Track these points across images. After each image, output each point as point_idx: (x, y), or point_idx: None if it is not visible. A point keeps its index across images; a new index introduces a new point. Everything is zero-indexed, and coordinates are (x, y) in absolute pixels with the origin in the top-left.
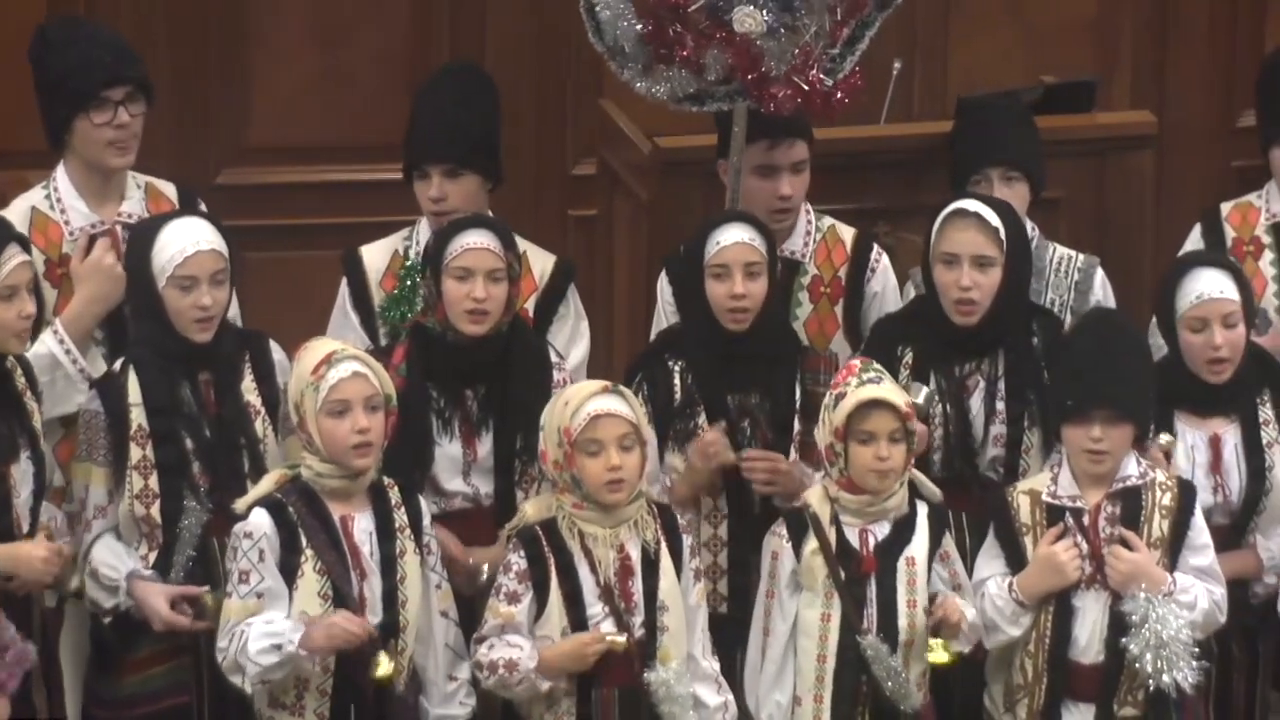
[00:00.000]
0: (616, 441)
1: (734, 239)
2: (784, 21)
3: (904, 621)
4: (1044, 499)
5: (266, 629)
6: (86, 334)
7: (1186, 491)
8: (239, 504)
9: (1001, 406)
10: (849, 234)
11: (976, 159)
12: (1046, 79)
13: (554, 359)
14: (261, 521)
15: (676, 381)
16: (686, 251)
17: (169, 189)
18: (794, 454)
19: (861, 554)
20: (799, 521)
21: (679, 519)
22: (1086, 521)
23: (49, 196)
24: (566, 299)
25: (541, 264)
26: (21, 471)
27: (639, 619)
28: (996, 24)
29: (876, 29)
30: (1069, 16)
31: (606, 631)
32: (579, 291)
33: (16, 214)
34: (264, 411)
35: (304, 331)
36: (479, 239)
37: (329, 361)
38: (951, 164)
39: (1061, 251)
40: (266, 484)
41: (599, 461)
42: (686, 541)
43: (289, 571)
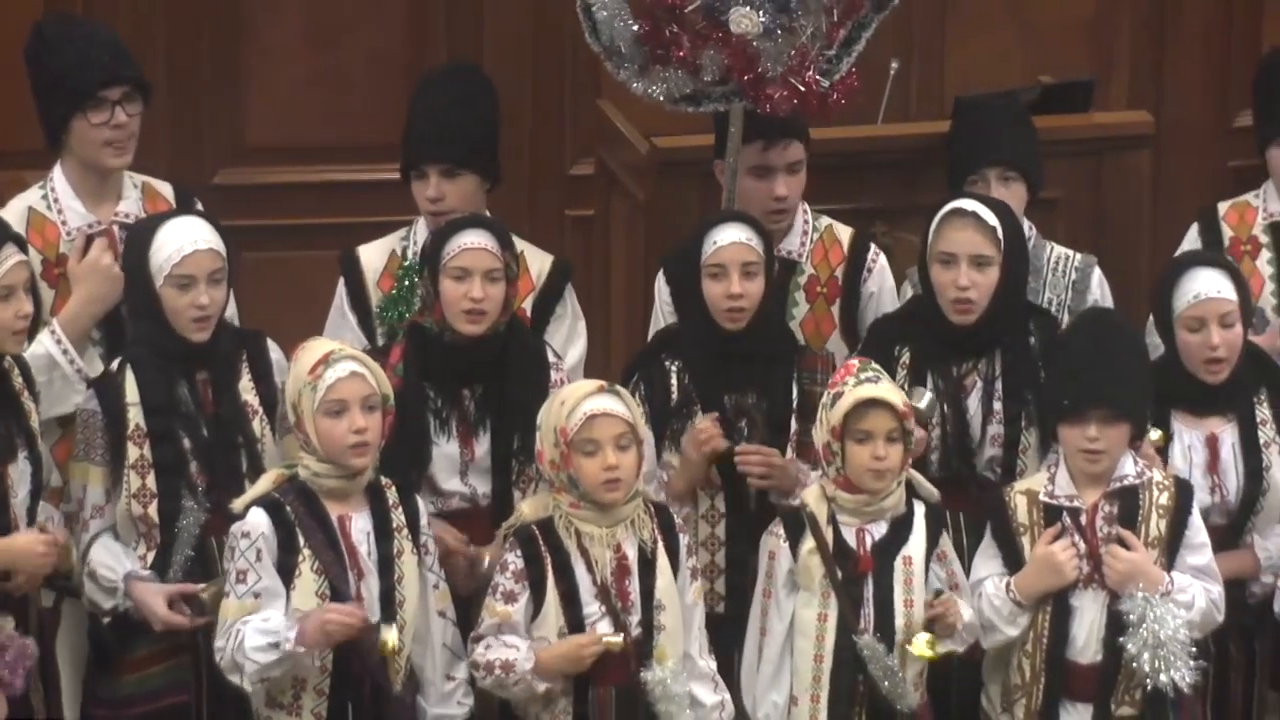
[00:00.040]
0: (613, 441)
1: (731, 239)
2: (780, 22)
3: (901, 621)
4: (1041, 499)
5: (263, 627)
6: (84, 334)
7: (1184, 491)
8: (236, 504)
9: (999, 406)
10: (846, 234)
11: (974, 159)
12: (1044, 79)
13: (551, 359)
14: (259, 521)
15: (674, 381)
16: (683, 251)
17: (166, 189)
18: (790, 453)
19: (858, 554)
20: (796, 521)
21: (676, 518)
22: (1084, 521)
23: (46, 196)
24: (564, 299)
25: (539, 264)
26: (19, 471)
27: (636, 618)
28: (994, 24)
29: (873, 30)
30: (1066, 16)
31: (603, 633)
32: (576, 291)
33: (13, 214)
34: (261, 411)
35: (302, 331)
36: (476, 239)
37: (326, 361)
38: (949, 164)
39: (1059, 251)
40: (264, 484)
41: (595, 461)
42: (683, 540)
43: (286, 571)
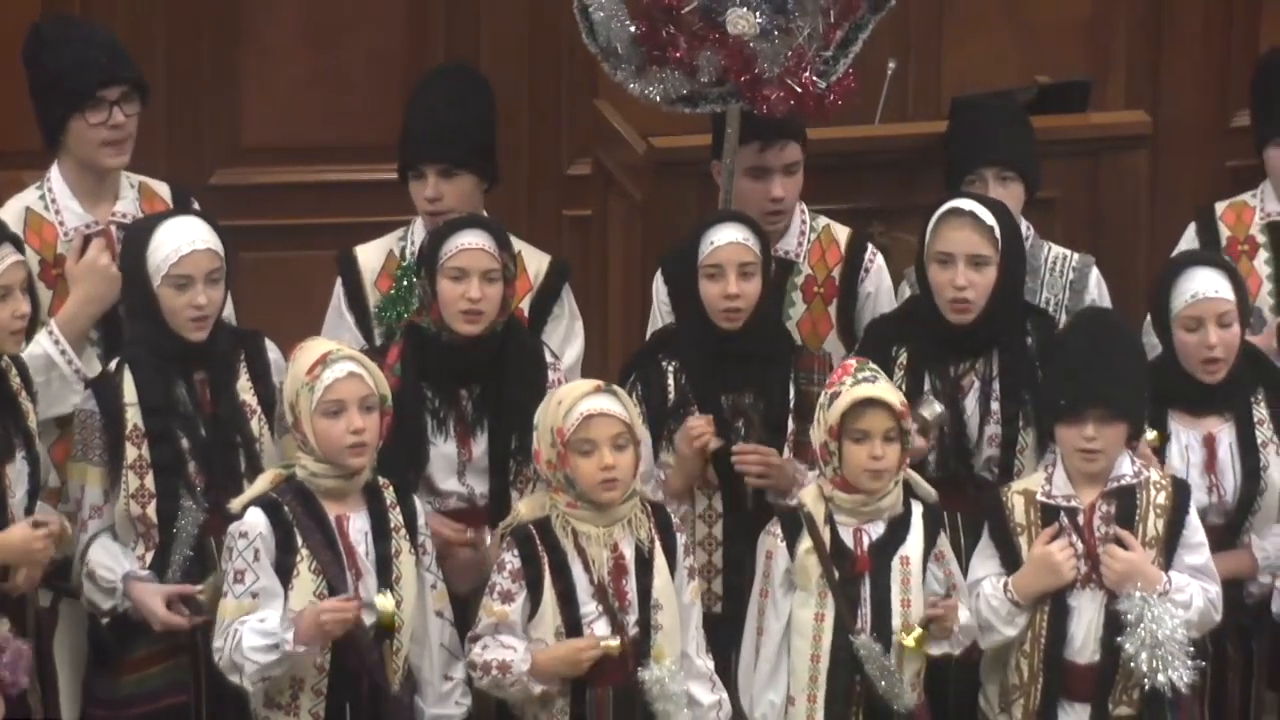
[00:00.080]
0: (610, 441)
1: (728, 239)
2: (777, 23)
3: (898, 622)
4: (1038, 499)
5: (261, 627)
6: (82, 334)
7: (1181, 490)
8: (234, 504)
9: (996, 406)
10: (844, 234)
11: (971, 159)
12: (1041, 79)
13: (549, 359)
14: (257, 521)
15: (670, 381)
16: (680, 251)
17: (163, 189)
18: (788, 453)
19: (856, 553)
20: (793, 520)
21: (673, 517)
22: (1081, 521)
23: (43, 197)
24: (561, 299)
25: (536, 264)
26: (16, 471)
27: (633, 617)
28: (991, 24)
29: (870, 31)
30: (1063, 17)
31: (601, 636)
32: (574, 291)
33: (11, 214)
34: (260, 410)
35: (300, 331)
36: (474, 239)
37: (324, 362)
38: (947, 164)
39: (1056, 251)
40: (261, 484)
41: (592, 461)
42: (680, 540)
43: (284, 571)
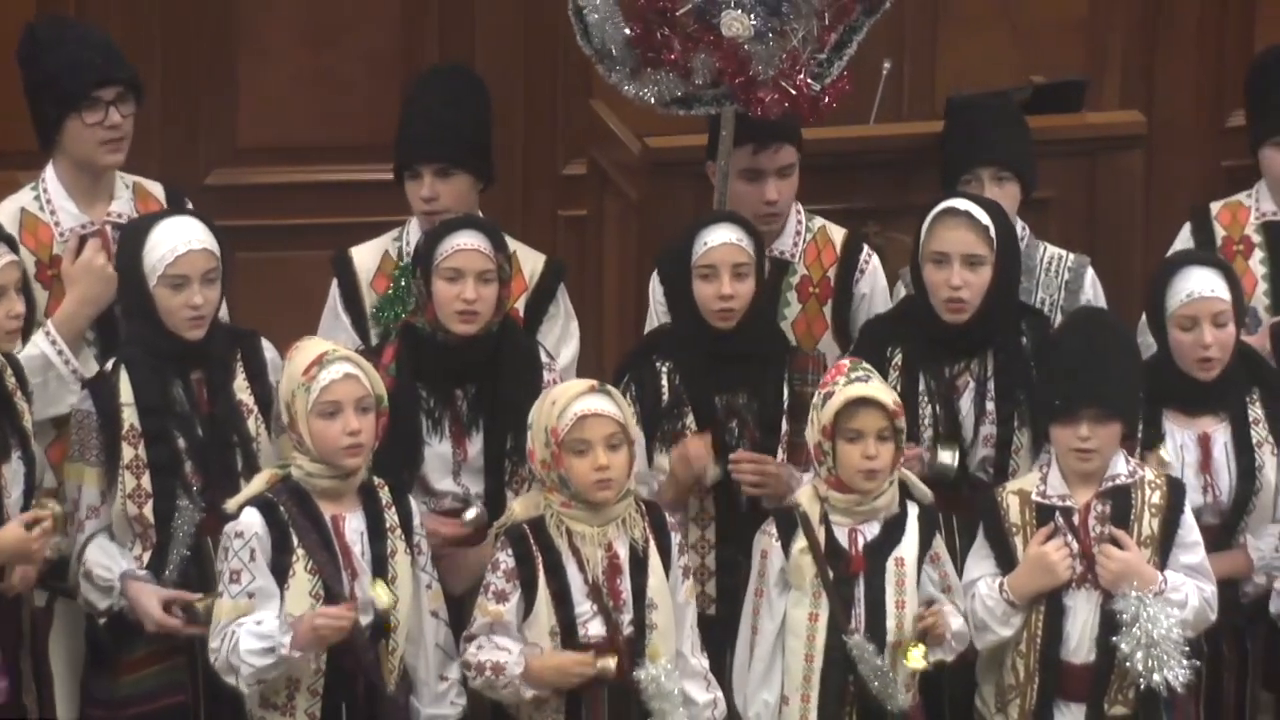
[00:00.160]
0: (604, 441)
1: (722, 239)
2: (772, 26)
3: (892, 622)
4: (1033, 499)
5: (257, 630)
6: (78, 335)
7: (1176, 489)
8: (230, 504)
9: (991, 407)
10: (839, 235)
11: (967, 159)
12: (1036, 79)
13: (544, 359)
14: (253, 521)
15: (664, 382)
16: (674, 251)
17: (156, 189)
18: (781, 454)
19: (850, 554)
20: (788, 520)
21: (668, 516)
22: (1076, 521)
23: (38, 198)
24: (556, 299)
25: (531, 264)
26: (12, 472)
27: (627, 616)
28: (986, 24)
29: (864, 34)
30: (1058, 16)
31: (598, 659)
32: (569, 291)
33: (6, 215)
34: (256, 410)
35: (295, 332)
36: (469, 240)
37: (320, 362)
38: (942, 164)
39: (1052, 251)
40: (257, 484)
41: (586, 461)
42: (675, 539)
43: (280, 571)
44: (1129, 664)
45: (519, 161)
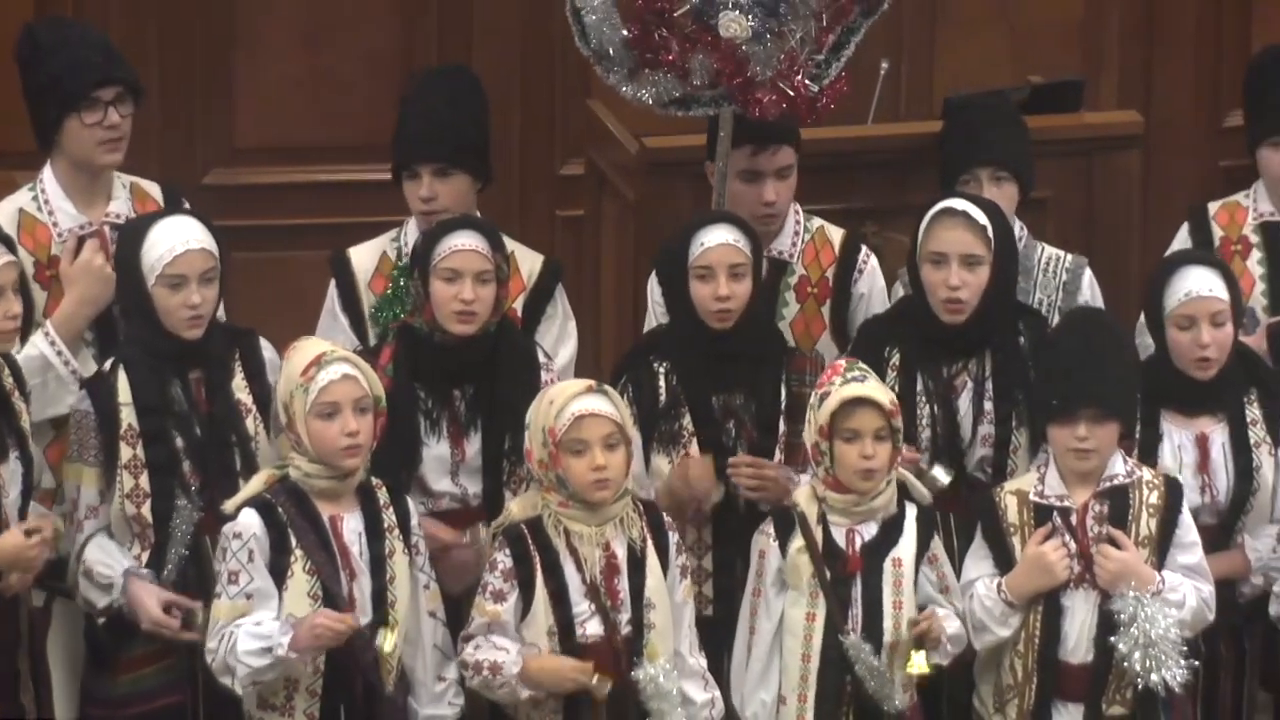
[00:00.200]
0: (601, 441)
1: (718, 240)
2: (769, 27)
3: (889, 623)
4: (1031, 499)
5: (255, 630)
6: (77, 335)
7: (1174, 489)
8: (228, 504)
9: (989, 407)
10: (838, 235)
11: (965, 159)
12: (1033, 79)
13: (542, 359)
14: (251, 522)
15: (662, 382)
16: (671, 252)
17: (154, 189)
18: (779, 455)
19: (847, 554)
20: (786, 520)
21: (664, 515)
22: (1074, 521)
23: (36, 198)
24: (554, 299)
25: (529, 264)
26: (10, 472)
27: (625, 616)
28: (983, 25)
29: (862, 35)
30: (1056, 17)
31: (596, 674)
32: (566, 291)
33: (4, 216)
34: (255, 409)
35: (293, 332)
36: (467, 241)
37: (318, 363)
38: (940, 164)
39: (1050, 251)
40: (255, 484)
41: (584, 461)
42: (673, 539)
43: (278, 572)
44: (1127, 664)
45: (517, 162)
